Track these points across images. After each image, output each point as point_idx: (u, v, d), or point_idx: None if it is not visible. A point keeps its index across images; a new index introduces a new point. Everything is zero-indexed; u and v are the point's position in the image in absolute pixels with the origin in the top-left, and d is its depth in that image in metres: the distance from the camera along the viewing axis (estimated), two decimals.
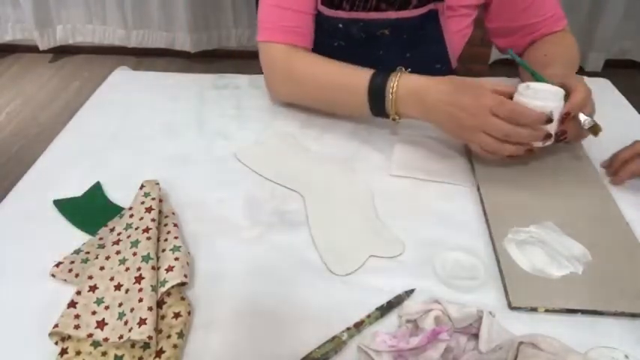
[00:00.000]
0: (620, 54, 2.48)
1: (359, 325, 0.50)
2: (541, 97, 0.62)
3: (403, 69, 0.72)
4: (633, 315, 0.52)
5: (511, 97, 0.64)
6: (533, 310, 0.52)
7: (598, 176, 0.69)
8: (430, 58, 0.89)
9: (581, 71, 1.99)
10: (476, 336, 0.48)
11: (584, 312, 0.52)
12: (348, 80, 0.75)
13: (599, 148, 0.73)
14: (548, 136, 0.63)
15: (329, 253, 0.58)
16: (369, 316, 0.50)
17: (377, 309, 0.51)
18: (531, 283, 0.54)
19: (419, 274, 0.56)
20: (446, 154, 0.74)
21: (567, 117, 0.64)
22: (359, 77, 0.73)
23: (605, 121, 0.80)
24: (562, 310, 0.52)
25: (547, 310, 0.52)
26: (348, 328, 0.49)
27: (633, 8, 2.32)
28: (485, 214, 0.63)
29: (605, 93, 0.89)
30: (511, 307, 0.52)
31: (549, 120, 0.62)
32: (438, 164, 0.72)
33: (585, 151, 0.74)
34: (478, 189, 0.68)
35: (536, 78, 0.68)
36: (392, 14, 0.82)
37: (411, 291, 0.53)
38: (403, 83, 0.69)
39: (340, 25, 0.84)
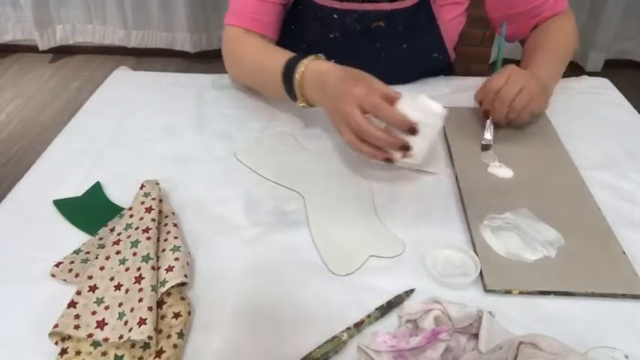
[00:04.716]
0: (620, 54, 2.48)
1: (359, 325, 0.50)
2: (419, 110, 0.59)
3: (322, 55, 0.72)
4: (603, 295, 0.53)
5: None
6: (508, 292, 0.53)
7: (572, 164, 0.71)
8: (427, 47, 0.89)
9: (582, 71, 1.99)
10: (476, 336, 0.48)
11: (556, 293, 0.53)
12: (271, 62, 0.76)
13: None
14: (404, 147, 0.59)
15: (329, 253, 0.58)
16: (369, 316, 0.50)
17: (377, 309, 0.51)
18: (506, 267, 0.56)
19: (419, 274, 0.56)
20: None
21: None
22: (279, 60, 0.74)
23: (605, 121, 0.81)
24: (535, 292, 0.53)
25: (521, 292, 0.53)
26: (348, 328, 0.49)
27: (633, 8, 2.32)
28: (462, 201, 0.65)
29: (605, 93, 0.89)
30: (486, 290, 0.54)
31: (412, 130, 0.58)
32: None
33: (560, 140, 0.75)
34: (456, 178, 0.69)
35: (494, 68, 0.69)
36: (386, 6, 0.83)
37: (411, 291, 0.53)
38: (312, 67, 0.70)
39: (335, 16, 0.84)
